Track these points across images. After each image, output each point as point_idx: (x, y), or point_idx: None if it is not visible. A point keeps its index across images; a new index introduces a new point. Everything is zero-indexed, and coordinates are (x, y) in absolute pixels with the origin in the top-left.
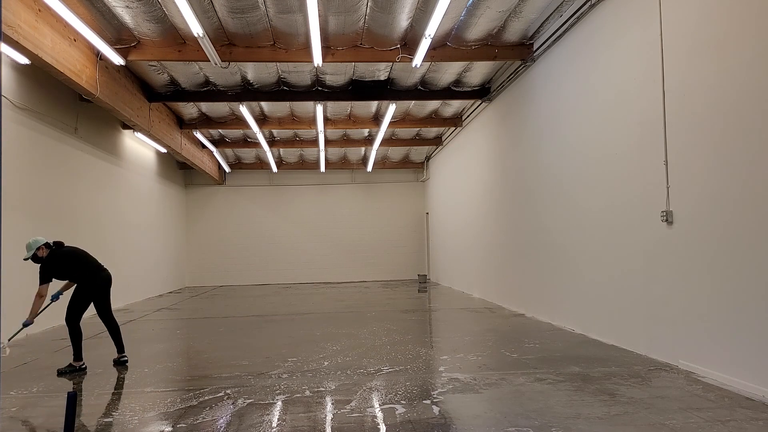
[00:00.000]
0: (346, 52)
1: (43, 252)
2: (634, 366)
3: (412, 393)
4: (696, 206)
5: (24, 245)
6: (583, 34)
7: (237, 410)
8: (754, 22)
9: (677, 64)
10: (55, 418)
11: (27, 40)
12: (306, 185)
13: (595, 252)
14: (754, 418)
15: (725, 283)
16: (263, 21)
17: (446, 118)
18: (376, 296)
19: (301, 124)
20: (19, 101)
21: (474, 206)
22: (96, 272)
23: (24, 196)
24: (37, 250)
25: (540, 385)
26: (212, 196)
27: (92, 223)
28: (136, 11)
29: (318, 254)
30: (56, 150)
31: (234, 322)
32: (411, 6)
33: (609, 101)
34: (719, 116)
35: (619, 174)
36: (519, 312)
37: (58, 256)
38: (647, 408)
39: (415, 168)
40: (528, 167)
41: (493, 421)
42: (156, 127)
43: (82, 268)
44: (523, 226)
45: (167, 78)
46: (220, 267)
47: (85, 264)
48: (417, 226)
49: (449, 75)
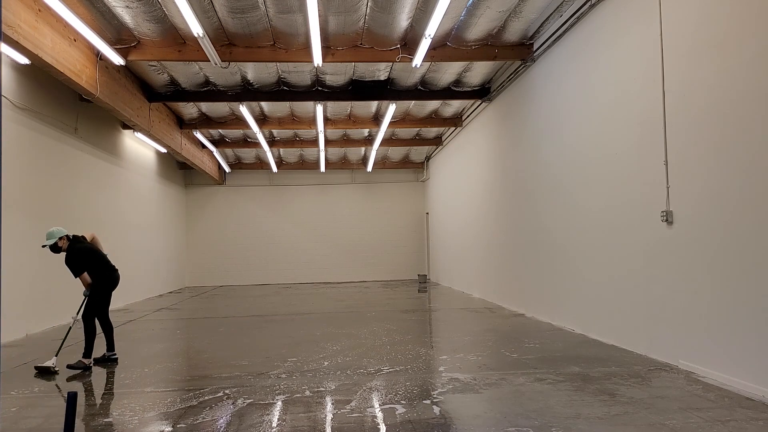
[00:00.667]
0: (346, 52)
1: (64, 243)
2: (634, 366)
3: (412, 393)
4: (696, 206)
5: (21, 245)
6: (583, 34)
7: (237, 410)
8: (754, 22)
9: (677, 64)
10: (55, 418)
11: (27, 40)
12: (306, 185)
13: (595, 252)
14: (754, 418)
15: (725, 283)
16: (263, 21)
17: (446, 118)
18: (376, 296)
19: (301, 124)
20: (19, 101)
21: (474, 206)
22: (112, 271)
23: (24, 196)
24: (58, 239)
25: (540, 385)
26: (212, 196)
27: (92, 223)
28: (136, 11)
29: (318, 254)
30: (56, 150)
31: (234, 322)
32: (411, 6)
33: (609, 101)
34: (719, 116)
35: (619, 174)
36: (519, 312)
37: (82, 251)
38: (647, 408)
39: (415, 168)
40: (528, 167)
41: (493, 421)
42: (156, 127)
43: (102, 265)
44: (523, 226)
45: (167, 78)
46: (220, 267)
47: (105, 262)
48: (417, 226)
49: (449, 75)
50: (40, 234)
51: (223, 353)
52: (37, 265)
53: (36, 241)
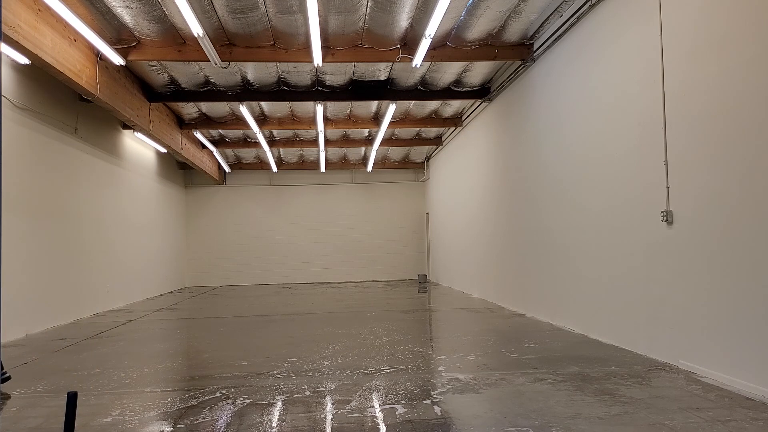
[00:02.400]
0: (346, 52)
1: None
2: (634, 366)
3: (412, 393)
4: (696, 206)
5: (21, 245)
6: (583, 34)
7: (237, 410)
8: (754, 22)
9: (677, 64)
10: (55, 418)
11: (27, 40)
12: (306, 185)
13: (595, 252)
14: (754, 418)
15: (725, 283)
16: (263, 21)
17: (446, 118)
18: (376, 296)
19: (301, 124)
20: (19, 101)
21: (474, 206)
22: None
23: (24, 196)
24: None
25: (540, 385)
26: (212, 196)
27: (92, 223)
28: (136, 11)
29: (318, 254)
30: (56, 150)
31: (234, 322)
32: (411, 6)
33: (609, 101)
34: (719, 116)
35: (619, 174)
36: (519, 312)
37: None
38: (647, 408)
39: (415, 168)
40: (528, 167)
41: (493, 421)
42: (156, 127)
43: None
44: (523, 226)
45: (167, 78)
46: (220, 267)
47: None
48: (417, 226)
49: (449, 75)
50: (40, 234)
51: (223, 353)
52: (37, 265)
53: (36, 241)
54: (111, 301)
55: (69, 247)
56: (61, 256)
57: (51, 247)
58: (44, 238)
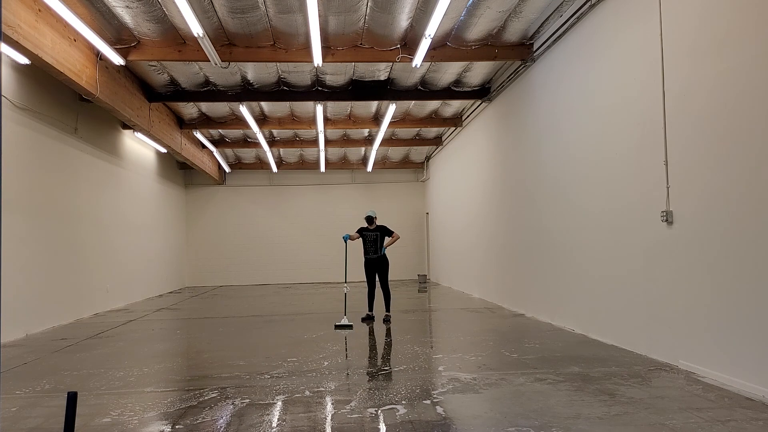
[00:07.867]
0: (346, 52)
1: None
2: (634, 366)
3: (412, 393)
4: (696, 206)
5: (21, 245)
6: (583, 34)
7: (237, 410)
8: (754, 23)
9: (677, 64)
10: (55, 418)
11: (27, 40)
12: (306, 185)
13: (595, 252)
14: (754, 418)
15: (725, 283)
16: (263, 21)
17: (446, 118)
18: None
19: (301, 124)
20: (19, 101)
21: (474, 206)
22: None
23: (24, 196)
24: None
25: (540, 385)
26: (212, 196)
27: (92, 223)
28: (136, 11)
29: (318, 254)
30: (56, 150)
31: (234, 322)
32: (411, 6)
33: (609, 101)
34: (719, 116)
35: (619, 174)
36: (519, 312)
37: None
38: (647, 408)
39: (415, 168)
40: (528, 167)
41: (493, 421)
42: (156, 127)
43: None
44: (523, 226)
45: (167, 78)
46: (220, 267)
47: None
48: (417, 226)
49: (449, 75)
50: (40, 234)
51: (223, 353)
52: (37, 265)
53: (36, 241)
54: (111, 301)
55: (69, 247)
56: (61, 256)
57: (51, 247)
58: (44, 238)
